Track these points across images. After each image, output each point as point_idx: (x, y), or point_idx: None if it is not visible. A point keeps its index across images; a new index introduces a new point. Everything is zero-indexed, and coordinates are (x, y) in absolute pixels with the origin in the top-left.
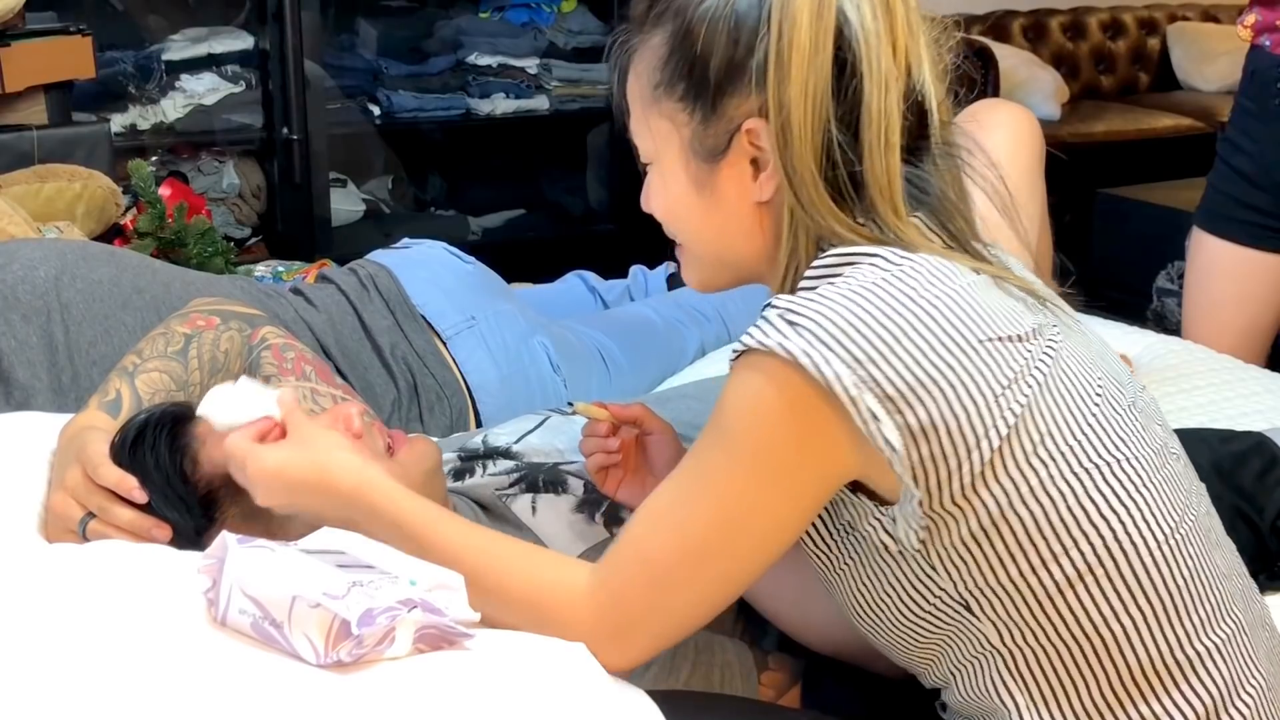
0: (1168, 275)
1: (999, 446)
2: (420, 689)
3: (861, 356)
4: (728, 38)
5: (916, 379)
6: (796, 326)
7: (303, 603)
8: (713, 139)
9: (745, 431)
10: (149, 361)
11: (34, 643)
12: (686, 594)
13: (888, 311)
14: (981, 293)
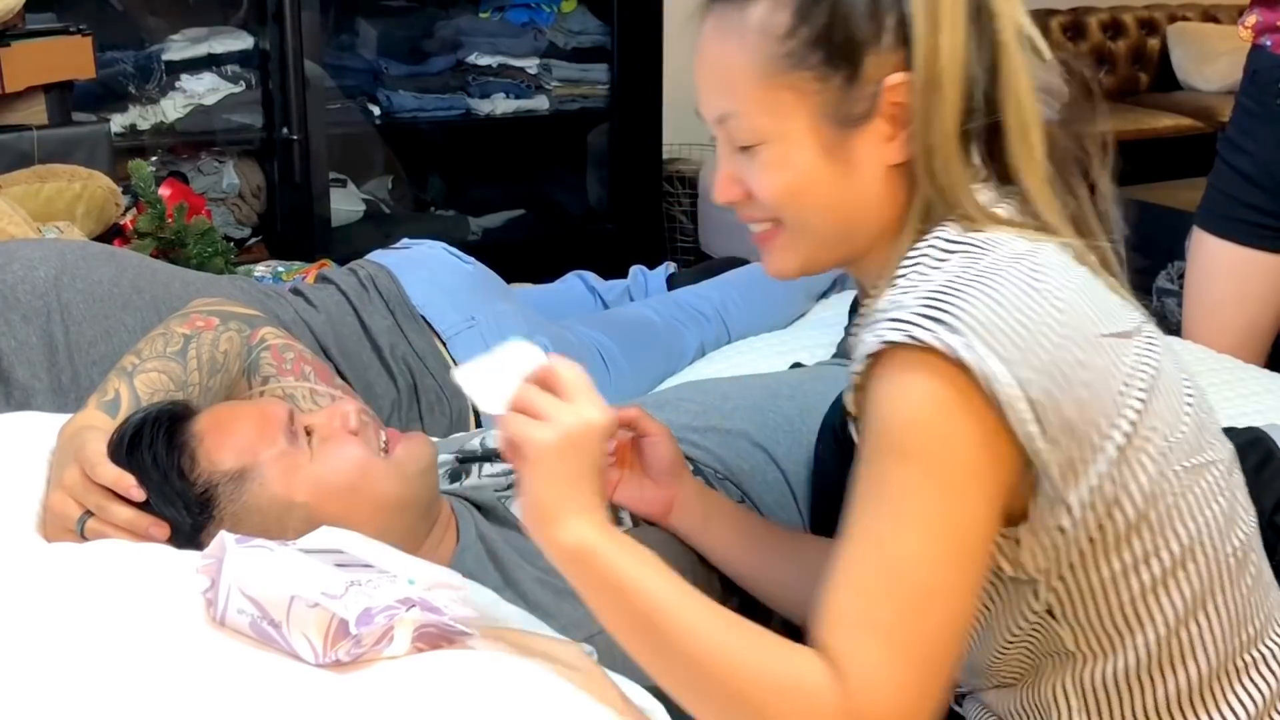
0: (1168, 275)
1: (1122, 445)
2: (419, 688)
3: (1013, 354)
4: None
5: (1056, 377)
6: (945, 322)
7: (301, 602)
8: (855, 103)
9: (927, 441)
10: (148, 362)
11: (33, 643)
12: (931, 641)
13: (1028, 306)
14: (1096, 285)
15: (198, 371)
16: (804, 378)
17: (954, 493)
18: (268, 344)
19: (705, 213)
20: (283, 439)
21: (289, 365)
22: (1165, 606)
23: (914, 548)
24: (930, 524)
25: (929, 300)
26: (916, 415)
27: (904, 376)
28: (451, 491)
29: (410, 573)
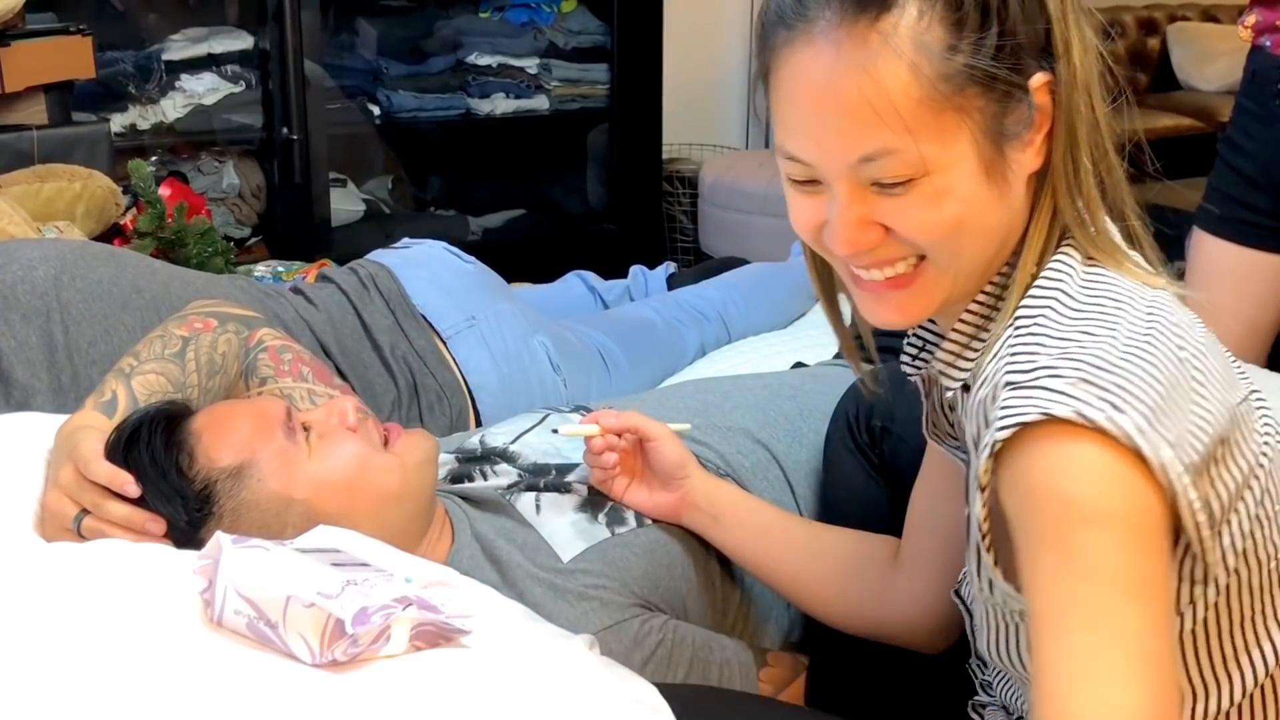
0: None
1: (1246, 520)
2: (416, 687)
3: (1178, 436)
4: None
5: (1218, 453)
6: (1112, 402)
7: (297, 603)
8: (1018, 114)
9: (1117, 502)
10: (146, 364)
11: (31, 643)
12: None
13: (1180, 378)
14: (1213, 340)
15: (196, 373)
16: (805, 378)
17: (1149, 553)
18: (265, 345)
19: (705, 213)
20: (281, 435)
21: (287, 366)
22: (1256, 659)
23: (1137, 615)
24: (1145, 588)
25: (1086, 372)
26: (1098, 481)
27: (1075, 448)
28: (446, 491)
29: (407, 571)
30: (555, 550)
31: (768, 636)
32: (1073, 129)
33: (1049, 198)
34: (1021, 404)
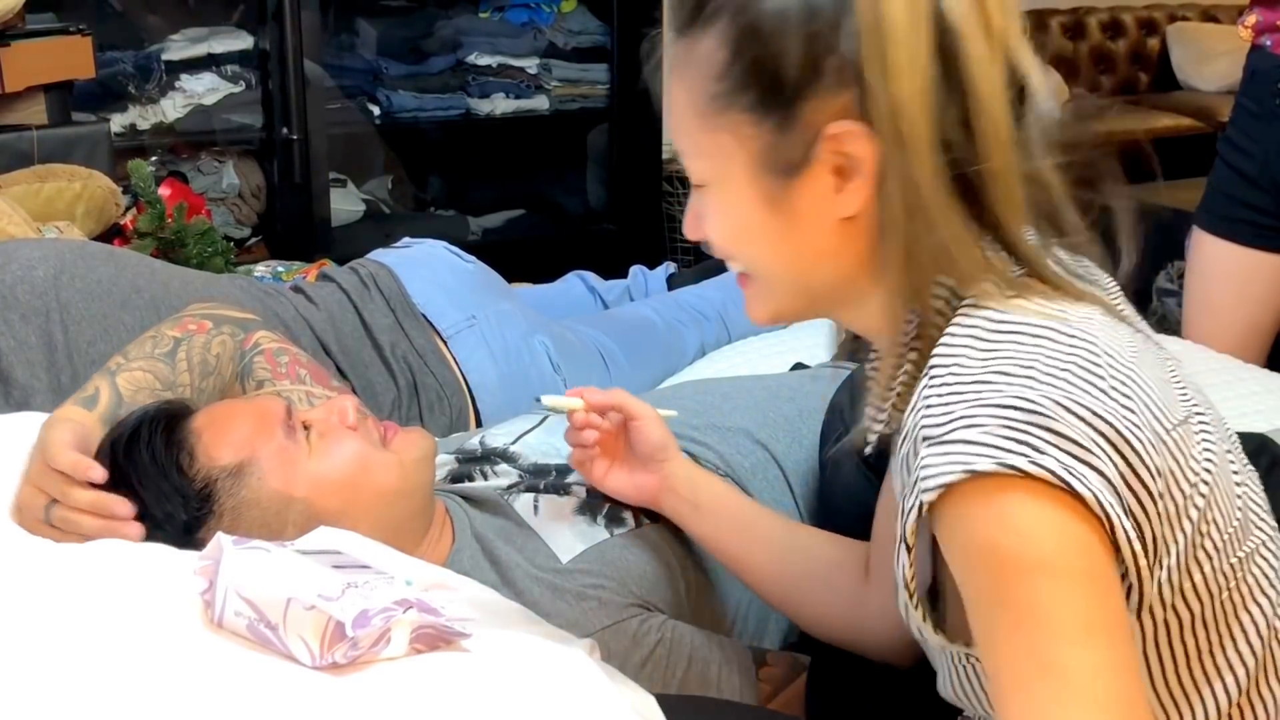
0: (1168, 275)
1: (1185, 546)
2: (415, 690)
3: (1108, 468)
4: (804, 31)
5: (1150, 482)
6: (1037, 447)
7: (297, 605)
8: (791, 150)
9: (1055, 547)
10: (133, 362)
11: (31, 643)
12: None
13: (1107, 410)
14: (1150, 367)
15: (188, 373)
16: (804, 379)
17: (1097, 592)
18: (261, 348)
19: None
20: (281, 434)
21: (284, 369)
22: (1218, 689)
23: (1096, 657)
24: (1098, 627)
25: (1003, 417)
26: (1032, 529)
27: (1003, 499)
28: (446, 490)
29: (408, 573)
30: (554, 551)
31: (768, 636)
32: (903, 186)
33: (892, 247)
34: (942, 462)
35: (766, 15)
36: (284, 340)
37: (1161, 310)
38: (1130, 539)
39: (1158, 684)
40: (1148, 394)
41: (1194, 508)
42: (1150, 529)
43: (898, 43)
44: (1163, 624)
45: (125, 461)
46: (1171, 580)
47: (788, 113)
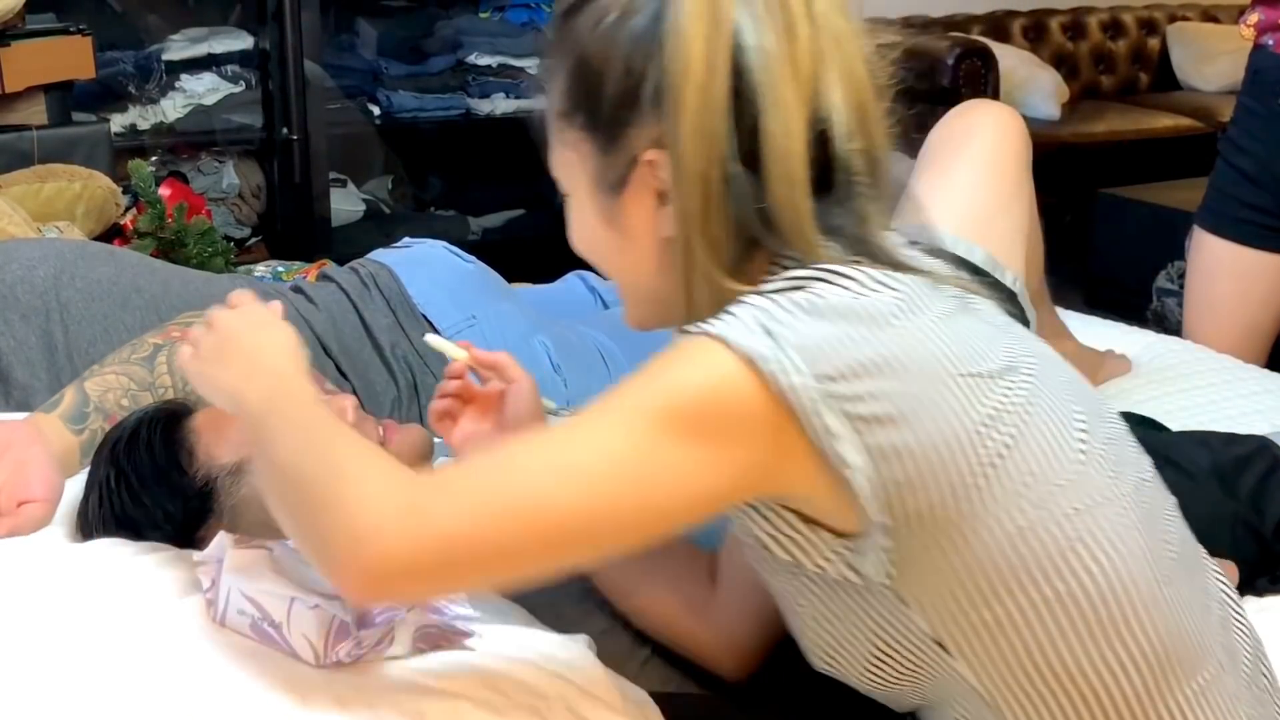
0: (1168, 275)
1: (973, 485)
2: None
3: (833, 372)
4: (623, 64)
5: (893, 404)
6: (772, 335)
7: (301, 604)
8: (614, 171)
9: (669, 401)
10: (106, 367)
11: (34, 643)
12: (489, 528)
13: (865, 335)
14: (954, 323)
15: (169, 376)
16: None
17: (671, 434)
18: None
19: None
20: None
21: None
22: (1067, 650)
23: (559, 456)
24: (606, 446)
25: (767, 312)
26: (695, 375)
27: (695, 354)
28: None
29: None
30: None
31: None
32: (676, 206)
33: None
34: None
35: (595, 47)
36: None
37: (1162, 310)
38: (821, 435)
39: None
40: (938, 339)
41: (989, 451)
42: (914, 446)
43: (690, 81)
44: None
45: (125, 461)
46: (983, 519)
47: (611, 136)
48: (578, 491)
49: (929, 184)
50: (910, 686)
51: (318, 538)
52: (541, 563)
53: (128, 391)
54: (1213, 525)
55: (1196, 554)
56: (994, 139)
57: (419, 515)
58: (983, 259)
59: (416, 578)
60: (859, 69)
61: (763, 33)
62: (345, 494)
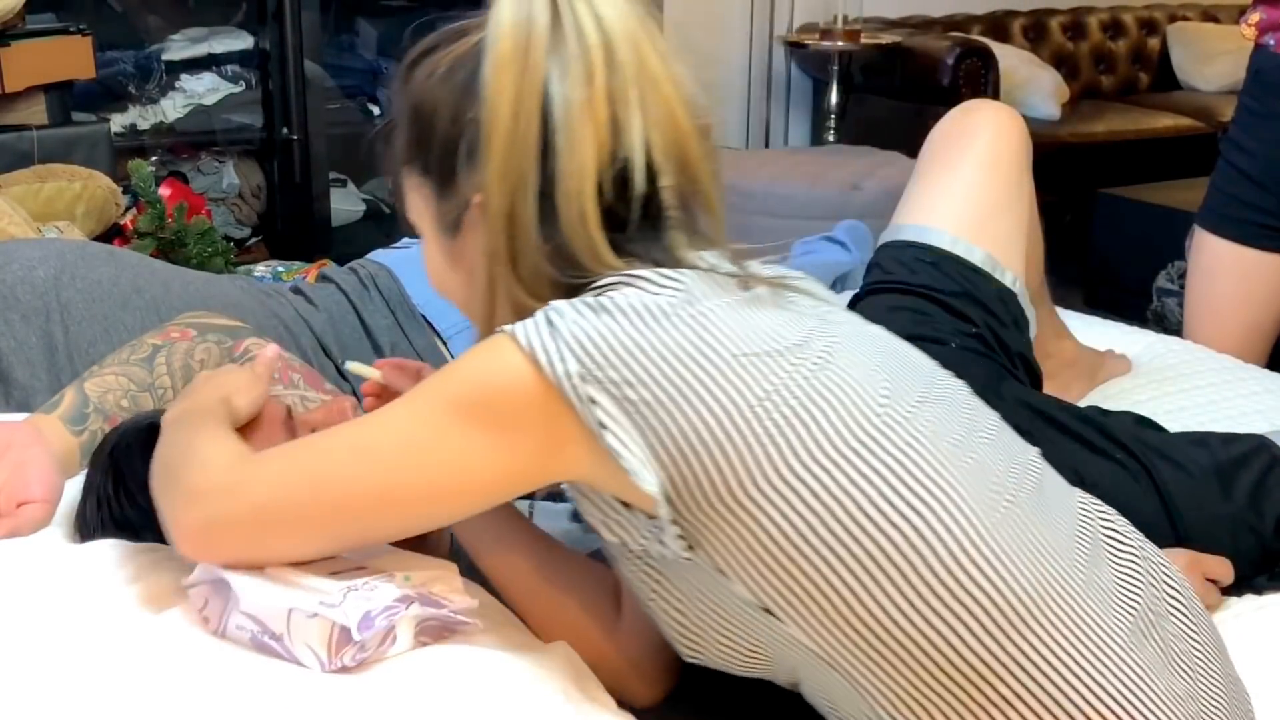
0: (1168, 275)
1: (761, 455)
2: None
3: (601, 360)
4: (450, 113)
5: (661, 388)
6: (552, 327)
7: (300, 614)
8: (450, 213)
9: (468, 380)
10: (106, 368)
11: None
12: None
13: (638, 325)
14: (740, 310)
15: (168, 377)
16: None
17: (457, 420)
18: (253, 354)
19: None
20: (282, 437)
21: (276, 373)
22: (890, 605)
23: (358, 436)
24: (398, 428)
25: (556, 310)
26: (464, 371)
27: (486, 349)
28: None
29: (406, 569)
30: None
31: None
32: (489, 249)
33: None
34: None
35: (428, 98)
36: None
37: (1162, 310)
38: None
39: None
40: (712, 324)
41: (770, 421)
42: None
43: (498, 129)
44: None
45: (125, 468)
46: (773, 486)
47: (444, 181)
48: (366, 467)
49: (930, 183)
50: (765, 661)
51: (167, 506)
52: (343, 530)
53: (127, 392)
54: (1212, 524)
55: (1058, 505)
56: (994, 139)
57: (238, 484)
58: (982, 259)
59: (234, 538)
60: (674, 111)
61: (566, 80)
62: (189, 470)
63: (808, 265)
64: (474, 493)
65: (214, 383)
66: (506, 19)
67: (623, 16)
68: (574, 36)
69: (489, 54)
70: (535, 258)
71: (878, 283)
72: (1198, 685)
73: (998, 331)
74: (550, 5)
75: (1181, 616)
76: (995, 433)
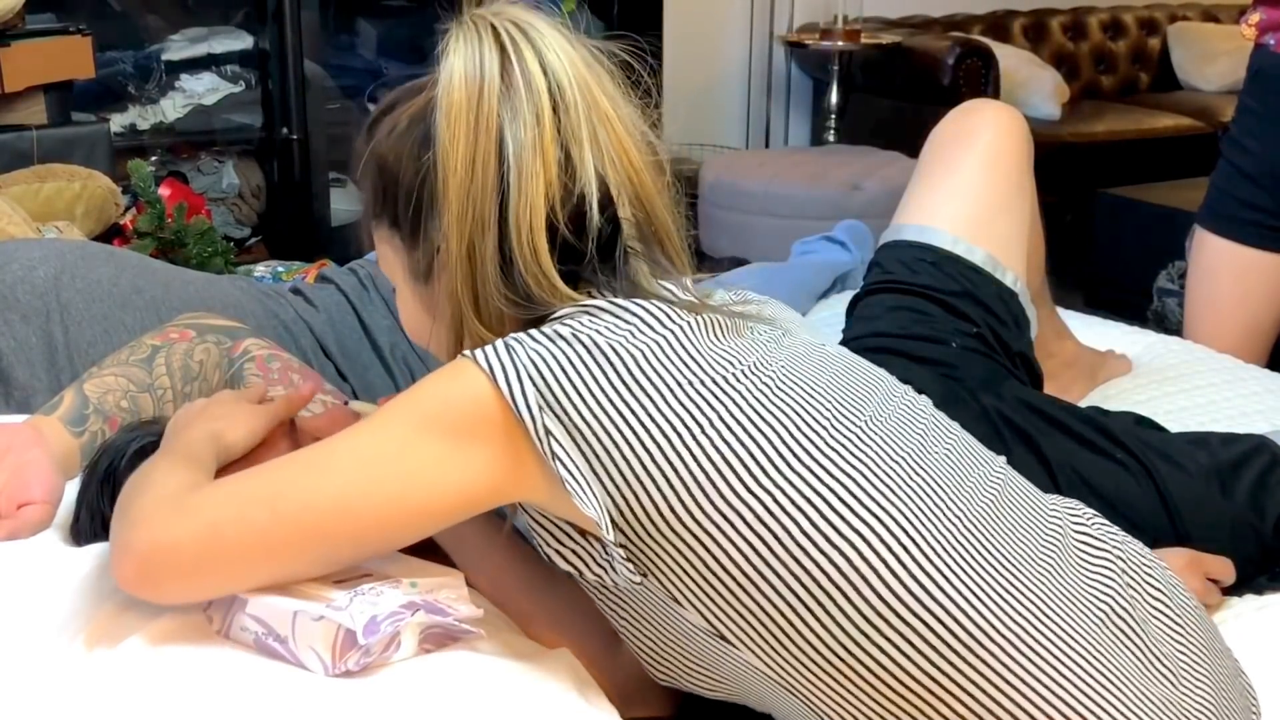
0: (1168, 275)
1: (705, 481)
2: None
3: (556, 388)
4: (412, 165)
5: (607, 416)
6: (510, 352)
7: (305, 616)
8: (420, 263)
9: (432, 401)
10: (105, 369)
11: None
12: (278, 560)
13: (583, 356)
14: (690, 338)
15: (168, 377)
16: None
17: (417, 434)
18: (252, 355)
19: (705, 213)
20: (286, 446)
21: (276, 375)
22: (837, 628)
23: (317, 454)
24: (357, 444)
25: (516, 337)
26: (425, 392)
27: (447, 371)
28: None
29: (412, 575)
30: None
31: None
32: (449, 292)
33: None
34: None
35: (391, 153)
36: (274, 346)
37: (1162, 310)
38: (545, 443)
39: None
40: (660, 352)
41: (713, 447)
42: (629, 455)
43: (454, 178)
44: (734, 554)
45: (120, 480)
46: (717, 510)
47: (412, 232)
48: (328, 484)
49: (930, 184)
50: (730, 686)
51: (113, 537)
52: (304, 552)
53: (126, 393)
54: (1212, 524)
55: (1020, 516)
56: (995, 139)
57: (188, 506)
58: (983, 259)
59: (181, 568)
60: (626, 148)
61: (517, 124)
62: (139, 500)
63: (808, 265)
64: (435, 507)
65: (206, 414)
66: (458, 71)
67: (570, 62)
68: (522, 83)
69: (442, 105)
70: (496, 298)
71: (878, 282)
72: (1180, 689)
73: (998, 331)
74: (499, 56)
75: (1166, 618)
76: (951, 449)
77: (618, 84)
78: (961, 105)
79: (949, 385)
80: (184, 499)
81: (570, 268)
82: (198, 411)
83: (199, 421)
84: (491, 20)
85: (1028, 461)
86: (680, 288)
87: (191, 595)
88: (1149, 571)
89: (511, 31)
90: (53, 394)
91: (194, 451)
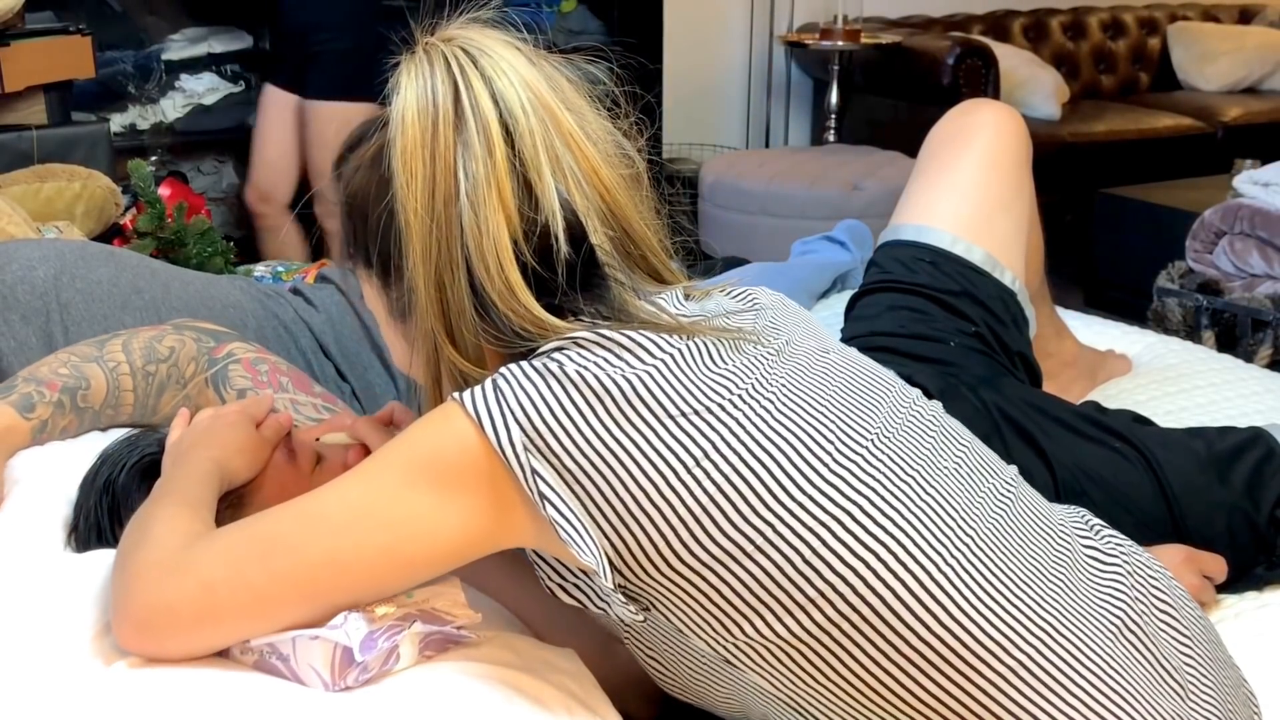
0: (1168, 275)
1: (704, 516)
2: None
3: (544, 429)
4: (379, 203)
5: (600, 457)
6: (499, 392)
7: (303, 636)
8: (399, 301)
9: (419, 448)
10: (57, 354)
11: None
12: (256, 578)
13: (572, 395)
14: (681, 365)
15: (122, 352)
16: None
17: (406, 484)
18: (237, 357)
19: (705, 213)
20: (280, 456)
21: (264, 377)
22: (844, 652)
23: (308, 505)
24: (347, 495)
25: (502, 375)
26: (414, 437)
27: (436, 416)
28: None
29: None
30: None
31: None
32: (424, 331)
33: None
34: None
35: (354, 190)
36: (261, 350)
37: (1162, 310)
38: (534, 485)
39: (764, 658)
40: (653, 384)
41: (710, 479)
42: (621, 493)
43: (415, 216)
44: (735, 583)
45: (122, 501)
46: (717, 542)
47: (385, 270)
48: (319, 537)
49: (929, 183)
50: (740, 704)
51: (112, 592)
52: (299, 604)
53: (67, 362)
54: (1208, 512)
55: (1032, 530)
56: (994, 138)
57: (182, 565)
58: (982, 259)
59: (179, 624)
60: (593, 167)
61: (469, 159)
62: (136, 555)
63: (808, 265)
64: (426, 557)
65: (211, 438)
66: (410, 106)
67: (525, 85)
68: (472, 115)
69: (396, 141)
70: (472, 332)
71: (876, 281)
72: (1189, 702)
73: (997, 331)
74: (451, 88)
75: (1175, 630)
76: (961, 462)
77: (587, 98)
78: (960, 105)
79: (948, 382)
80: (179, 558)
81: (549, 298)
82: (202, 430)
83: (201, 449)
84: (442, 48)
85: (1026, 455)
86: (672, 302)
87: (193, 651)
88: (1156, 583)
89: (461, 60)
90: None
91: (193, 495)
